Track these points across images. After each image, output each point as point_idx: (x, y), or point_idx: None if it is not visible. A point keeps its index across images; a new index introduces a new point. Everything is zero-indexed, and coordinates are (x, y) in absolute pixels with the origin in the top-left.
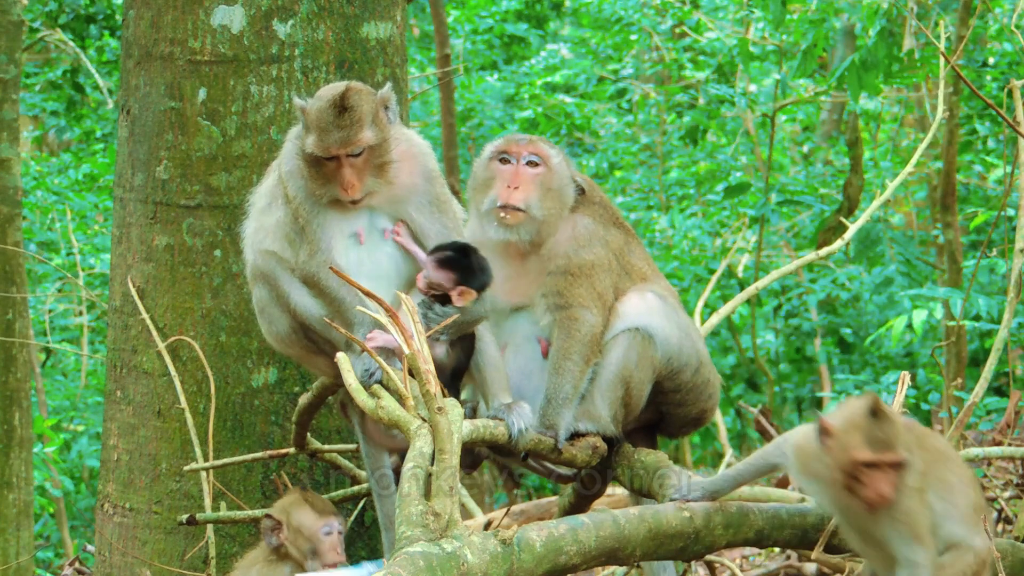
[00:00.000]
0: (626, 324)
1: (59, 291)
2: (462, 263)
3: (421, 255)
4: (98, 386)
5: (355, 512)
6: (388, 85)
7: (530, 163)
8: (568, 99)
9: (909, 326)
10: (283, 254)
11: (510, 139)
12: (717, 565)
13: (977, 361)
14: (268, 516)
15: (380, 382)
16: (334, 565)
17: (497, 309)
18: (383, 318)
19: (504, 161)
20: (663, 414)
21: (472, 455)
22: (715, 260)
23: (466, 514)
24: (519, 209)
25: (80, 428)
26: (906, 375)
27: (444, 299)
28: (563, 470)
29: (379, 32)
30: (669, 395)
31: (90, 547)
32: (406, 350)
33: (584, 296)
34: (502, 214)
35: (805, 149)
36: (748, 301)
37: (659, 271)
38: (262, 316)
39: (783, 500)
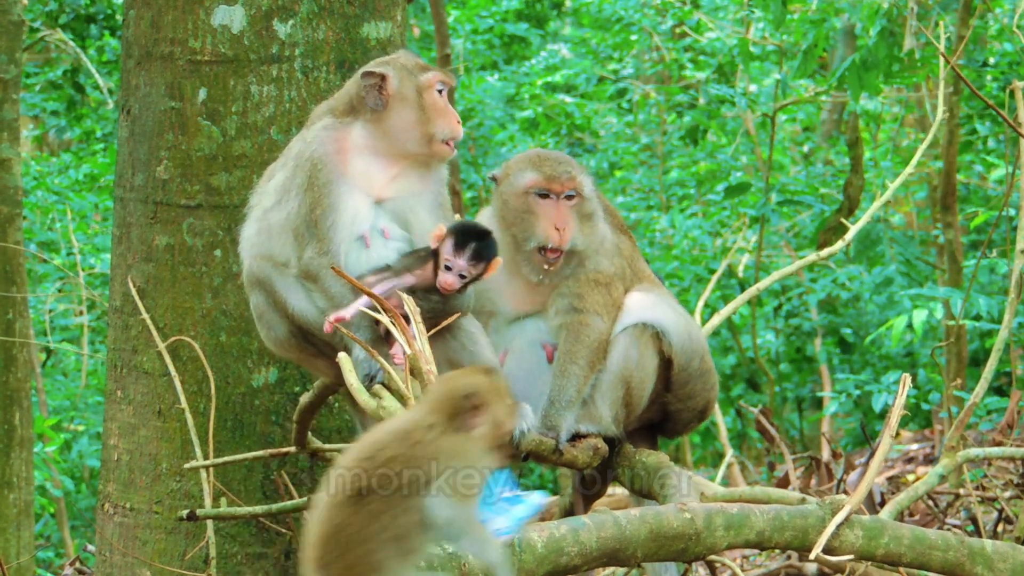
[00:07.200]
0: (632, 319)
1: (59, 291)
2: (487, 239)
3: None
4: (98, 386)
5: None
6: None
7: (567, 196)
8: (568, 99)
9: (909, 326)
10: (283, 253)
11: (550, 176)
12: (718, 565)
13: (977, 361)
14: None
15: (382, 382)
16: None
17: (500, 314)
18: (385, 319)
19: (543, 196)
20: (669, 413)
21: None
22: (715, 260)
23: None
24: (562, 251)
25: (80, 428)
26: (907, 377)
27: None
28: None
29: (379, 32)
30: (679, 389)
31: (90, 547)
32: (407, 350)
33: (599, 303)
34: (551, 256)
35: (805, 149)
36: (748, 301)
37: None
38: (260, 322)
39: (783, 501)
